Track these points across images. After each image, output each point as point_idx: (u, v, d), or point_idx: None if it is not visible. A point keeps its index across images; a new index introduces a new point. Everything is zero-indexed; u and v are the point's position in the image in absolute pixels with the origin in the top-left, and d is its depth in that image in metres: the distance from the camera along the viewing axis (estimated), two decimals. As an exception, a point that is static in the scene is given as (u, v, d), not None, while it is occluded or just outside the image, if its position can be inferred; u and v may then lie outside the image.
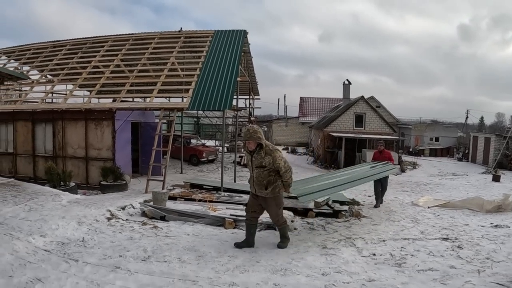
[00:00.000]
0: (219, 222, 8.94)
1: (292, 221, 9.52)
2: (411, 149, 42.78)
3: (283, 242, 7.27)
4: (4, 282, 4.93)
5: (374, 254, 6.92)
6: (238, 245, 7.08)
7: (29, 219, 7.76)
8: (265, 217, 9.07)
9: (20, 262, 5.62)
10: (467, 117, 50.91)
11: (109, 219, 8.69)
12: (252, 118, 31.46)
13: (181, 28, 21.17)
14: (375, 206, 12.69)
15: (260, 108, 37.17)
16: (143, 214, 9.54)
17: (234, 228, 8.74)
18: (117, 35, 22.04)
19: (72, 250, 6.34)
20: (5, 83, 13.65)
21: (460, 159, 37.56)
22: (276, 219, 7.23)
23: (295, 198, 12.33)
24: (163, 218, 9.16)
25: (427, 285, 5.39)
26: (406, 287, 5.31)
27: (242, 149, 30.23)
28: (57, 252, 6.17)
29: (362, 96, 32.60)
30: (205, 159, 25.31)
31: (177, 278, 5.37)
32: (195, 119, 41.19)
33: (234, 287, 5.16)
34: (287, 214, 9.60)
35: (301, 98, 57.77)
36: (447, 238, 8.23)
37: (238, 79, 17.77)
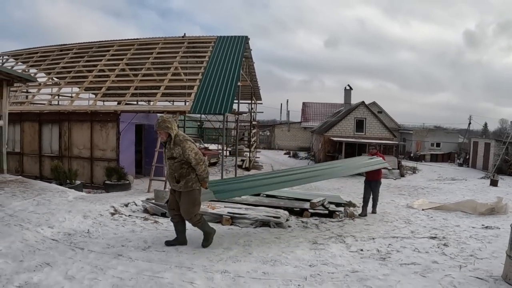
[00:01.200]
0: (217, 219, 9.29)
1: (287, 220, 9.89)
2: (412, 155, 42.91)
3: (206, 240, 6.84)
4: (16, 265, 5.31)
5: (361, 250, 7.25)
6: (169, 243, 6.80)
7: (37, 212, 8.15)
8: (259, 214, 9.49)
9: (30, 249, 6.01)
10: (469, 123, 51.05)
11: (112, 214, 9.11)
12: (254, 123, 31.80)
13: (184, 34, 21.58)
14: (361, 215, 11.81)
15: (262, 112, 37.35)
16: (145, 210, 9.93)
17: (231, 224, 9.10)
18: (122, 40, 22.46)
19: (78, 240, 6.74)
20: (15, 84, 14.04)
21: (460, 165, 37.73)
22: (189, 217, 6.62)
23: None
24: (164, 215, 9.53)
25: (407, 277, 5.70)
26: (386, 278, 5.63)
27: (244, 153, 30.69)
28: (64, 241, 6.57)
29: (363, 102, 32.88)
30: (207, 162, 25.45)
31: (173, 265, 5.74)
32: (198, 123, 41.49)
33: (226, 274, 5.53)
34: (282, 213, 9.98)
35: (303, 103, 58.13)
36: (435, 237, 8.53)
37: (239, 83, 18.17)
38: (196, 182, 6.54)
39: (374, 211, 12.28)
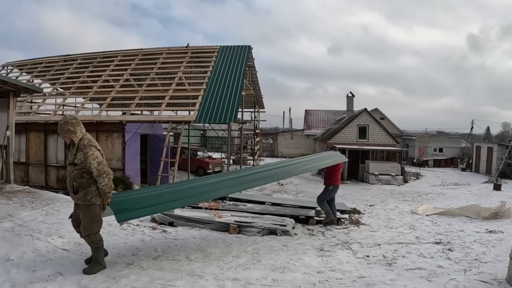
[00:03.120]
0: (224, 227, 9.39)
1: (294, 228, 10.00)
2: (415, 160, 42.92)
3: (91, 267, 5.78)
4: (29, 275, 5.42)
5: (367, 256, 7.36)
6: (88, 261, 6.03)
7: (47, 222, 8.24)
8: (266, 222, 9.59)
9: (42, 259, 6.10)
10: (472, 128, 51.05)
11: (121, 223, 9.22)
12: (257, 131, 31.92)
13: (188, 44, 21.76)
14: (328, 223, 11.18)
15: (265, 121, 37.53)
16: (153, 220, 10.02)
17: (238, 233, 9.19)
18: (126, 50, 22.65)
19: (89, 250, 6.75)
20: (21, 95, 14.16)
21: (463, 169, 37.76)
22: (87, 234, 5.73)
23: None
24: (171, 224, 9.63)
25: (414, 282, 5.81)
26: (393, 283, 5.74)
27: (248, 161, 30.78)
28: (75, 251, 6.67)
29: (365, 109, 32.97)
30: (211, 170, 25.66)
31: (185, 273, 5.86)
32: (201, 132, 41.64)
33: (236, 281, 5.65)
34: (288, 221, 10.09)
35: (306, 110, 58.22)
36: (440, 242, 8.62)
37: (243, 93, 18.31)
38: (96, 196, 5.69)
39: (330, 220, 11.26)
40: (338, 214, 11.75)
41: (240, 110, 21.01)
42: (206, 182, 8.41)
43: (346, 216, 11.91)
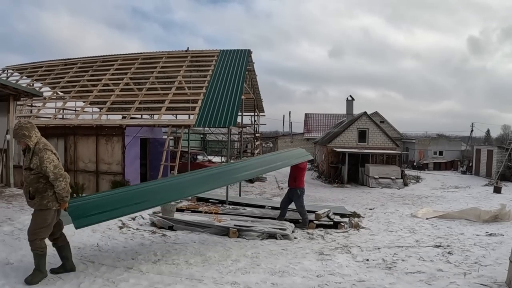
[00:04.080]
0: (224, 231, 9.38)
1: (293, 231, 10.00)
2: (415, 163, 42.94)
3: (32, 276, 5.43)
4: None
5: (367, 260, 7.38)
6: (54, 271, 5.77)
7: (46, 227, 8.28)
8: (266, 226, 9.59)
9: (41, 263, 6.14)
10: (472, 130, 51.03)
11: (120, 227, 9.20)
12: (257, 134, 31.94)
13: (187, 48, 21.78)
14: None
15: (265, 124, 37.37)
16: (152, 224, 10.01)
17: (238, 237, 9.17)
18: (126, 54, 22.65)
19: (88, 253, 6.85)
20: (21, 99, 14.18)
21: (464, 172, 37.79)
22: (33, 238, 5.43)
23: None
24: (171, 228, 9.61)
25: (413, 285, 5.83)
26: (392, 287, 5.75)
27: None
28: (75, 255, 6.62)
29: (365, 112, 32.95)
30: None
31: (184, 277, 5.87)
32: (201, 136, 41.66)
33: (236, 285, 5.65)
34: (288, 225, 10.09)
35: (306, 114, 58.33)
36: (440, 245, 8.64)
37: (243, 97, 18.32)
38: (53, 201, 5.46)
39: (303, 224, 11.07)
40: (338, 218, 11.73)
41: (240, 114, 21.02)
42: (172, 182, 8.25)
43: (346, 219, 11.90)
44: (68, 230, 7.94)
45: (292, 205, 11.29)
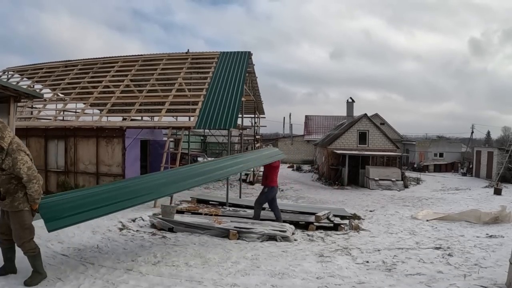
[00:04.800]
0: (224, 233, 9.39)
1: (293, 233, 9.99)
2: (415, 165, 42.88)
3: (32, 278, 5.44)
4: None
5: (367, 262, 7.37)
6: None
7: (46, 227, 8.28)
8: (266, 228, 9.58)
9: (41, 265, 6.15)
10: (472, 132, 51.03)
11: (121, 229, 9.24)
12: (257, 136, 31.94)
13: (188, 50, 21.78)
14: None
15: (265, 126, 37.47)
16: (152, 225, 10.03)
17: (238, 239, 9.18)
18: (127, 56, 22.68)
19: (88, 255, 6.86)
20: (22, 100, 14.17)
21: (464, 174, 37.68)
22: (20, 242, 5.44)
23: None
24: (171, 230, 9.62)
25: (413, 287, 5.83)
26: (392, 289, 5.79)
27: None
28: (75, 256, 6.69)
29: (365, 114, 32.92)
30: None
31: (184, 279, 5.88)
32: (201, 138, 41.70)
33: (235, 287, 5.66)
34: (288, 227, 10.08)
35: (306, 116, 58.27)
36: (440, 247, 8.63)
37: (243, 99, 18.33)
38: (24, 202, 5.41)
39: (277, 218, 11.16)
40: (338, 220, 11.74)
41: (240, 116, 21.03)
42: (147, 179, 7.95)
43: (346, 221, 11.90)
44: (69, 232, 8.00)
45: (291, 206, 11.27)
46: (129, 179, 8.76)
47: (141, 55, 22.47)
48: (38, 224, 5.72)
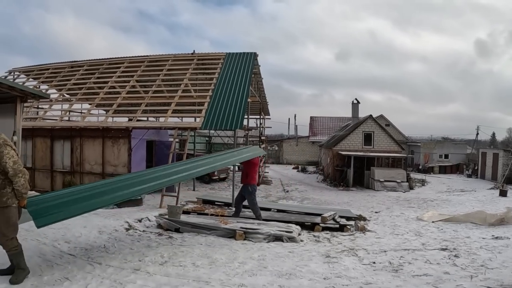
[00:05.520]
0: (230, 234, 9.39)
1: (300, 234, 9.99)
2: (420, 167, 42.77)
3: (16, 275, 5.41)
4: (35, 279, 5.48)
5: (374, 262, 7.36)
6: (2, 272, 5.56)
7: (52, 227, 8.19)
8: (272, 229, 9.58)
9: (48, 264, 6.17)
10: (477, 134, 50.92)
11: (127, 229, 9.26)
12: (262, 137, 31.92)
13: (194, 51, 21.81)
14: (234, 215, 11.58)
15: (271, 127, 37.39)
16: (159, 226, 10.04)
17: (244, 239, 9.18)
18: (132, 56, 22.75)
19: (95, 255, 6.87)
20: (28, 100, 14.22)
21: (469, 176, 37.56)
22: (4, 240, 5.34)
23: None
24: (177, 230, 9.63)
25: (420, 288, 5.85)
26: (399, 289, 5.78)
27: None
28: (82, 256, 6.71)
29: (371, 115, 32.87)
30: (217, 177, 25.65)
31: (191, 279, 5.88)
32: (206, 139, 41.67)
33: (243, 287, 5.67)
34: (294, 227, 10.08)
35: (311, 117, 58.23)
36: (446, 249, 8.60)
37: (249, 99, 18.34)
38: (12, 197, 5.33)
39: (258, 217, 11.32)
40: (344, 221, 11.73)
41: (245, 117, 21.03)
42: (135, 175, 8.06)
43: (352, 222, 11.88)
44: (76, 231, 8.03)
45: (296, 207, 11.29)
46: (116, 177, 8.40)
47: (147, 56, 22.52)
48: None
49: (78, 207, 6.13)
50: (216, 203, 14.51)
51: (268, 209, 13.29)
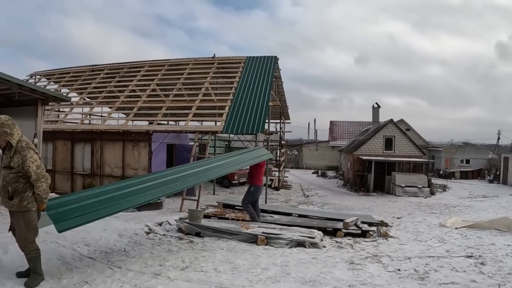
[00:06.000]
0: (252, 239, 9.28)
1: (322, 240, 9.85)
2: (441, 172, 42.38)
3: (32, 279, 5.32)
4: (54, 282, 5.43)
5: (399, 270, 7.19)
6: (21, 275, 5.50)
7: (72, 229, 8.28)
8: (294, 234, 9.46)
9: (67, 267, 6.12)
10: (498, 138, 50.24)
11: (147, 233, 9.20)
12: (283, 142, 31.83)
13: (214, 55, 21.88)
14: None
15: (290, 132, 37.25)
16: (179, 230, 9.97)
17: (266, 244, 9.06)
18: (153, 60, 22.84)
19: (115, 258, 6.81)
20: (49, 103, 14.30)
21: (491, 181, 37.02)
22: (24, 244, 5.30)
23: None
24: (198, 234, 9.55)
25: (448, 297, 5.71)
26: (427, 298, 5.64)
27: (273, 172, 30.68)
28: (101, 259, 6.65)
29: (391, 119, 32.67)
30: (237, 181, 25.68)
31: (214, 285, 5.77)
32: (226, 143, 41.70)
33: (266, 294, 5.57)
34: (316, 233, 9.94)
35: (331, 122, 58.06)
36: (471, 256, 8.42)
37: (270, 104, 18.27)
38: (32, 201, 5.29)
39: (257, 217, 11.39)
40: (366, 227, 11.57)
41: (266, 121, 20.97)
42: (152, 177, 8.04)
43: (374, 228, 11.72)
44: (96, 234, 7.97)
45: (317, 213, 11.18)
46: (132, 179, 8.29)
47: (167, 59, 22.60)
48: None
49: (99, 211, 6.08)
50: (236, 207, 14.40)
51: (289, 214, 13.18)
